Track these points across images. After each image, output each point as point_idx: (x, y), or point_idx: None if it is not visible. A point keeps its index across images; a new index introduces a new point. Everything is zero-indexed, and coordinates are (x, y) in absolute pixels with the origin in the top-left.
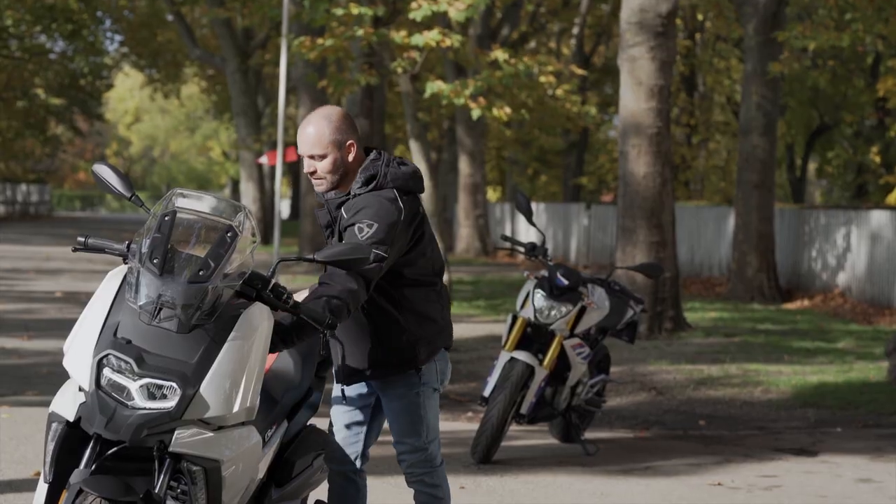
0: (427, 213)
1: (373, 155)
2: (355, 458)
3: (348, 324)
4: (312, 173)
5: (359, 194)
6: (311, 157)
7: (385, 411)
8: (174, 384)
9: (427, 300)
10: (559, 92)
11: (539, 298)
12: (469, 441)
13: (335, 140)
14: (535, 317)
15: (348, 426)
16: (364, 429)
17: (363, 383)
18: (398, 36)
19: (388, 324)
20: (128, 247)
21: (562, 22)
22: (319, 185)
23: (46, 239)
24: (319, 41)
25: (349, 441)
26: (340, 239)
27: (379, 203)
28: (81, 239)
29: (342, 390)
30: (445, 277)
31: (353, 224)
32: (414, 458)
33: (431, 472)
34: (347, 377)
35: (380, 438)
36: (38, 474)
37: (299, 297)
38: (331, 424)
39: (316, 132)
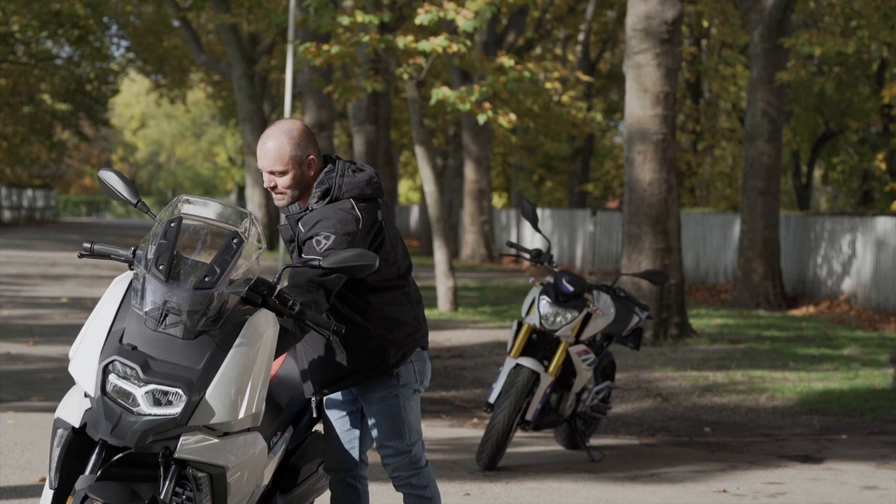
0: (433, 218)
1: (328, 167)
2: (353, 465)
3: (316, 334)
4: (273, 188)
5: (315, 208)
6: (272, 172)
7: (367, 416)
8: (180, 390)
9: (395, 304)
10: (565, 98)
11: (544, 305)
12: (474, 447)
13: (295, 156)
14: (541, 323)
15: (341, 433)
16: (357, 434)
17: (348, 391)
18: (404, 41)
19: (356, 331)
20: (133, 253)
21: (567, 28)
22: (280, 200)
23: (52, 244)
24: (325, 47)
25: (344, 448)
26: (300, 254)
27: (335, 214)
28: (87, 245)
29: (325, 399)
30: (450, 283)
31: (311, 237)
32: (398, 460)
33: (417, 473)
34: (321, 387)
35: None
36: (44, 480)
37: None
38: (325, 433)
39: (276, 148)
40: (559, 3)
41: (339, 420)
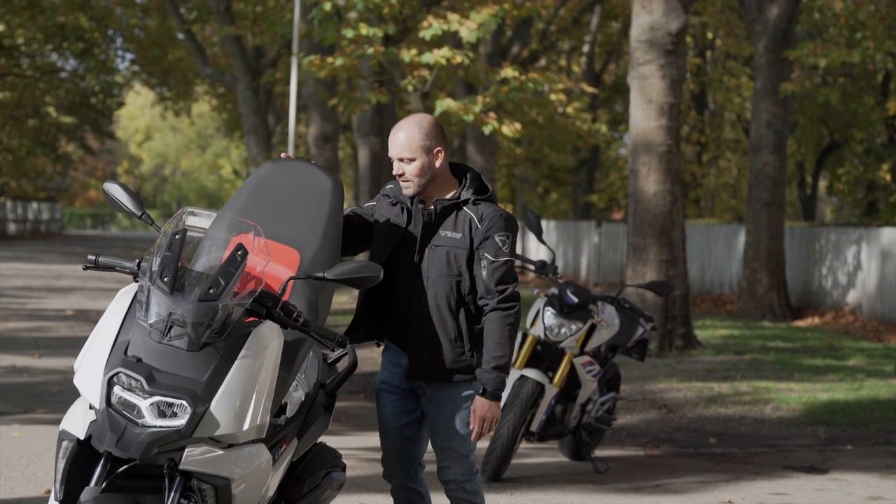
0: None
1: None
2: (415, 471)
3: (453, 322)
4: (401, 175)
5: (469, 198)
6: (401, 159)
7: (433, 418)
8: (185, 402)
9: None
10: (569, 110)
11: (549, 316)
12: (479, 458)
13: (424, 145)
14: (546, 334)
15: (402, 440)
16: (416, 440)
17: (405, 397)
18: (408, 54)
19: (476, 331)
20: (138, 265)
21: (572, 40)
22: (408, 188)
23: (57, 257)
24: (330, 60)
25: (405, 454)
26: (424, 240)
27: (503, 214)
28: (92, 257)
29: (382, 408)
30: None
31: (490, 236)
32: (458, 464)
33: (472, 479)
34: (430, 376)
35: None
36: (49, 492)
37: None
38: (383, 441)
39: (406, 137)
40: (564, 14)
41: (399, 427)
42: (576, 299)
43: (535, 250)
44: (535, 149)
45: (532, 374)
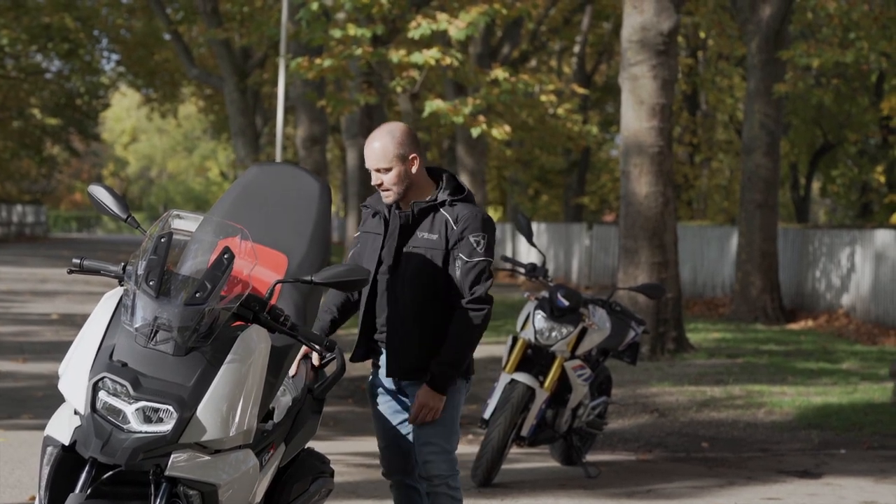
0: None
1: (444, 172)
2: (412, 468)
3: (426, 321)
4: (379, 185)
5: (445, 199)
6: (378, 170)
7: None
8: (170, 407)
9: None
10: (560, 111)
11: (540, 320)
12: (469, 464)
13: (399, 154)
14: (536, 338)
15: (398, 438)
16: (412, 437)
17: (397, 396)
18: (397, 55)
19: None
20: (124, 269)
21: (563, 40)
22: (388, 197)
23: (42, 261)
24: (318, 61)
25: (402, 451)
26: (401, 243)
27: (478, 213)
28: (77, 261)
29: (379, 407)
30: None
31: (464, 238)
32: (442, 459)
33: (454, 475)
34: (405, 373)
35: None
36: (34, 499)
37: None
38: (380, 439)
39: (381, 147)
40: (554, 15)
41: (395, 426)
42: (567, 302)
43: (526, 253)
44: (526, 150)
45: (522, 378)
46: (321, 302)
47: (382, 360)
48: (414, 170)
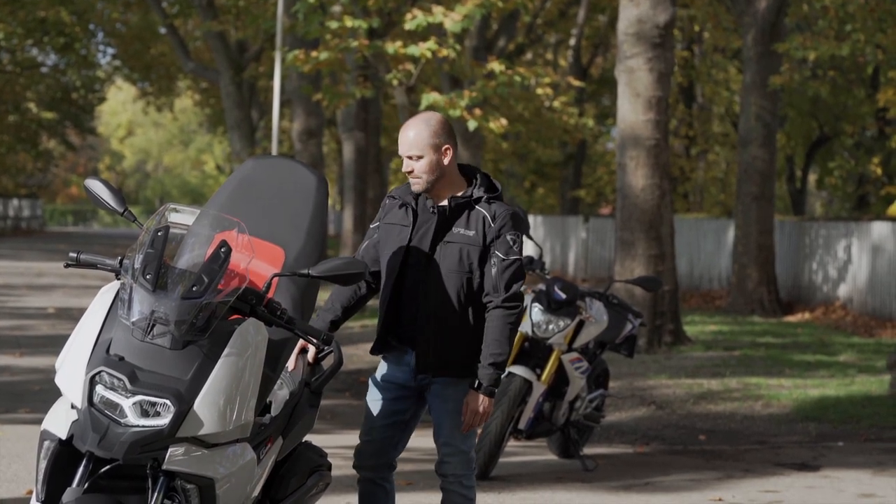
0: None
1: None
2: (385, 468)
3: (459, 316)
4: (410, 172)
5: (480, 196)
6: (410, 157)
7: (438, 413)
8: (168, 401)
9: None
10: (556, 104)
11: (536, 312)
12: None
13: (432, 143)
14: (533, 331)
15: (383, 437)
16: (399, 439)
17: (401, 397)
18: (393, 47)
19: (478, 328)
20: (120, 262)
21: (559, 33)
22: (416, 185)
23: (38, 254)
24: (314, 54)
25: (382, 451)
26: (435, 238)
27: (513, 213)
28: (73, 254)
29: (373, 403)
30: None
31: (501, 235)
32: (458, 459)
33: (469, 474)
34: (437, 369)
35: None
36: (31, 493)
37: None
38: (364, 433)
39: (415, 134)
40: (550, 7)
41: (383, 426)
42: (563, 295)
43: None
44: (522, 143)
45: (520, 371)
46: (328, 297)
47: (400, 355)
48: (446, 161)
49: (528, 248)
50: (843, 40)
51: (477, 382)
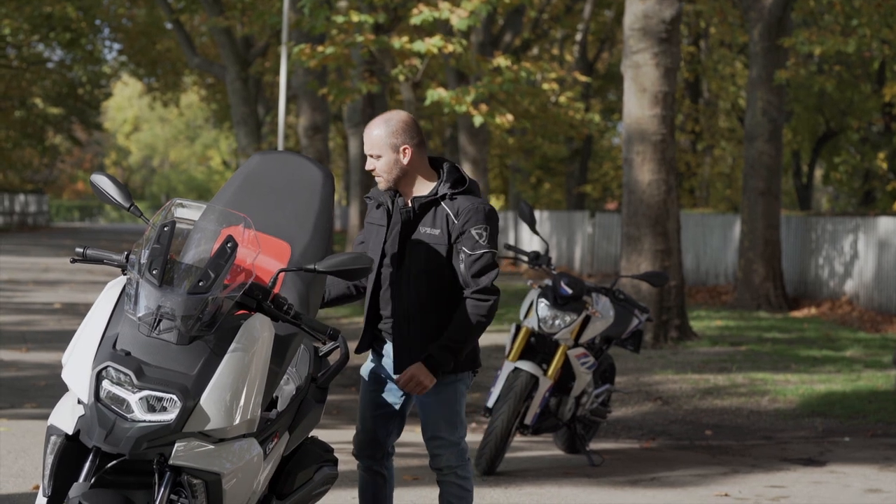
0: None
1: (445, 163)
2: (383, 455)
3: (432, 314)
4: (372, 171)
5: (446, 193)
6: (371, 156)
7: (422, 409)
8: (174, 396)
9: None
10: (562, 99)
11: (543, 308)
12: (473, 452)
13: (390, 143)
14: (539, 326)
15: (379, 426)
16: (394, 427)
17: (389, 389)
18: (399, 42)
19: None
20: (127, 257)
21: (565, 28)
22: (379, 183)
23: (45, 250)
24: (320, 49)
25: (379, 439)
26: (404, 238)
27: (481, 206)
28: (80, 250)
29: (367, 393)
30: None
31: (465, 231)
32: (449, 451)
33: (464, 465)
34: (407, 365)
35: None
36: (38, 488)
37: None
38: (361, 422)
39: (375, 134)
40: (556, 2)
41: (375, 417)
42: (570, 291)
43: (529, 241)
44: (528, 139)
45: (526, 366)
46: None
47: (386, 349)
48: (406, 160)
49: (535, 244)
50: (849, 35)
51: (425, 355)
